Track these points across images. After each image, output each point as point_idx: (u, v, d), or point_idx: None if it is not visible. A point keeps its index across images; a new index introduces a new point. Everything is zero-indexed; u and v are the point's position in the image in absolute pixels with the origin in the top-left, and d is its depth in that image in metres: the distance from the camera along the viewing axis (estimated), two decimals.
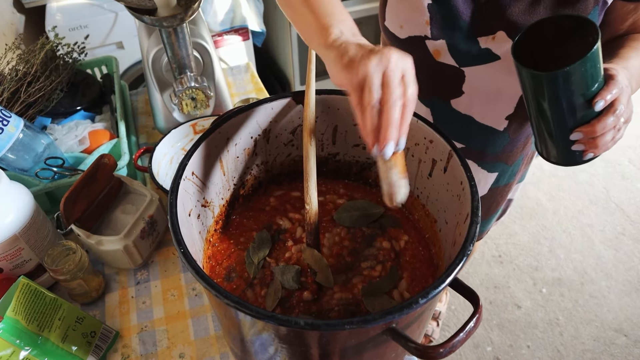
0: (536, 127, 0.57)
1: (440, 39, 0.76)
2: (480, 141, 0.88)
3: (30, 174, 0.88)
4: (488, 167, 0.92)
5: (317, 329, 0.42)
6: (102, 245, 0.78)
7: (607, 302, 1.76)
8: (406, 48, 0.81)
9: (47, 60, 1.04)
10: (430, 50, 0.78)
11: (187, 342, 0.76)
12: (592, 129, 0.55)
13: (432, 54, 0.78)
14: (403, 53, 0.46)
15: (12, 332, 0.61)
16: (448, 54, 0.77)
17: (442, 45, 0.76)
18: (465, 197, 0.54)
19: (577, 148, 0.57)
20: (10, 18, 1.56)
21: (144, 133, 1.18)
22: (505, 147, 0.88)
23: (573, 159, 0.58)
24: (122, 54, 1.68)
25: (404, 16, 0.79)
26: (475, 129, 0.85)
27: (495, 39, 0.72)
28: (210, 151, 0.62)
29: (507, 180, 0.96)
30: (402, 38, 0.80)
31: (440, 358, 0.44)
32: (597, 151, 0.57)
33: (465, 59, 0.76)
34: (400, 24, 0.80)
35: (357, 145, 0.72)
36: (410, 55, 0.47)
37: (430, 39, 0.77)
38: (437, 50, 0.78)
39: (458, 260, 0.46)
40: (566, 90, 0.52)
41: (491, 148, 0.88)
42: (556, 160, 0.60)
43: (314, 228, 0.63)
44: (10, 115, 0.85)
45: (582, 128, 0.54)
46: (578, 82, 0.51)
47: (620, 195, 2.14)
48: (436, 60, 0.79)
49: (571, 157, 0.57)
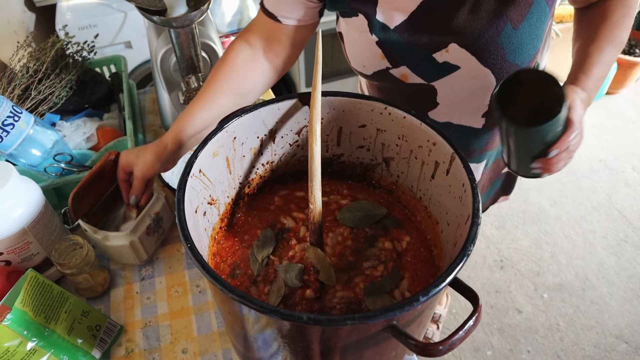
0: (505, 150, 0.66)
1: (401, 65, 0.80)
2: (463, 141, 0.91)
3: (39, 170, 0.90)
4: (477, 159, 0.96)
5: (320, 323, 0.43)
6: (108, 241, 0.80)
7: (608, 309, 1.76)
8: (376, 80, 0.87)
9: (57, 59, 1.06)
10: (398, 77, 0.83)
11: (190, 338, 0.77)
12: (548, 162, 0.62)
13: (400, 79, 0.83)
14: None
15: (20, 323, 0.63)
16: (414, 75, 0.81)
17: (405, 70, 0.81)
18: (467, 199, 0.55)
19: (535, 171, 0.65)
20: (21, 16, 1.58)
21: (150, 132, 1.19)
22: (487, 139, 0.92)
23: (532, 175, 0.67)
24: (130, 54, 1.70)
25: (361, 57, 0.84)
26: (455, 131, 0.89)
27: (449, 52, 0.75)
28: (218, 150, 0.63)
29: (496, 157, 1.00)
30: (369, 74, 0.86)
31: (439, 355, 0.45)
32: (551, 173, 0.65)
33: (430, 75, 0.80)
34: (362, 64, 0.85)
35: (362, 147, 0.73)
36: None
37: (392, 68, 0.81)
38: (404, 75, 0.82)
39: (459, 260, 0.47)
40: (531, 139, 0.60)
41: (475, 144, 0.92)
42: (518, 173, 0.69)
43: (317, 227, 0.64)
44: (21, 112, 0.86)
45: (540, 161, 0.62)
46: (542, 135, 0.59)
47: (623, 202, 2.14)
48: (406, 82, 0.83)
49: (530, 174, 0.66)
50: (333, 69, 2.23)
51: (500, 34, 0.72)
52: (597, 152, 2.38)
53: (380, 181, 0.76)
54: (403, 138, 0.67)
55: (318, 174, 0.61)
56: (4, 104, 0.84)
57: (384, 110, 0.66)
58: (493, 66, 0.75)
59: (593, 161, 2.33)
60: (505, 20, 0.70)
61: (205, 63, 1.06)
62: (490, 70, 0.76)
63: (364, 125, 0.69)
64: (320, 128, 0.62)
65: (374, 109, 0.66)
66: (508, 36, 0.72)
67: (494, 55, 0.74)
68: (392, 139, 0.68)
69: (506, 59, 0.74)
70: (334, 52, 2.15)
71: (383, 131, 0.68)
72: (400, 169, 0.71)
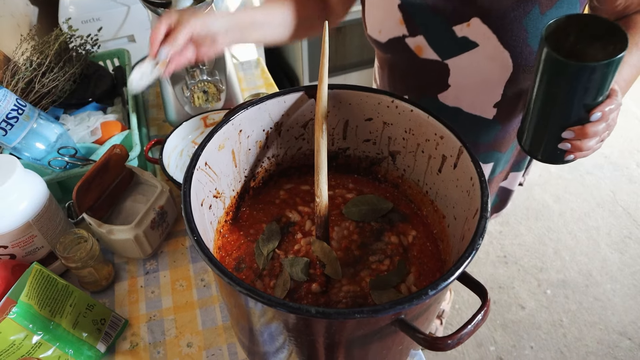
0: (531, 117, 0.58)
1: (418, 34, 0.78)
2: (472, 132, 0.89)
3: (44, 163, 0.89)
4: (483, 157, 0.93)
5: (328, 317, 0.42)
6: (112, 235, 0.79)
7: (611, 305, 1.75)
8: (389, 51, 0.85)
9: (60, 52, 1.06)
10: (412, 48, 0.80)
11: (194, 332, 0.77)
12: (584, 131, 0.57)
13: (414, 51, 0.80)
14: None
15: (26, 317, 0.62)
16: (429, 48, 0.79)
17: (421, 40, 0.78)
18: (475, 193, 0.54)
19: (563, 147, 0.59)
20: (24, 10, 1.58)
21: (154, 125, 1.19)
22: (497, 135, 0.89)
23: (554, 156, 0.59)
24: (133, 47, 1.69)
25: (379, 21, 0.82)
26: (465, 120, 0.87)
27: (470, 26, 0.73)
28: (223, 142, 0.63)
29: (501, 167, 0.98)
30: (383, 42, 0.83)
31: (447, 349, 0.45)
32: (578, 154, 0.60)
33: (446, 51, 0.78)
34: (378, 29, 0.83)
35: (368, 141, 0.72)
36: None
37: (409, 36, 0.79)
38: (419, 47, 0.79)
39: (467, 254, 0.46)
40: (583, 85, 0.52)
41: (483, 137, 0.89)
42: (536, 154, 0.62)
43: (323, 221, 0.63)
44: (25, 105, 0.86)
45: (576, 128, 0.56)
46: (595, 82, 0.52)
47: (627, 198, 2.13)
48: (420, 57, 0.81)
49: (553, 154, 0.59)
50: (337, 63, 2.22)
51: (526, 16, 0.70)
52: (602, 148, 2.36)
53: (387, 175, 0.75)
54: (410, 131, 0.66)
55: (324, 167, 0.61)
56: (8, 97, 0.84)
57: (390, 103, 0.65)
58: (513, 48, 0.73)
59: (597, 157, 2.32)
60: (535, 3, 0.69)
61: None
62: (510, 52, 0.73)
63: (370, 118, 0.69)
64: (326, 121, 0.62)
65: (381, 102, 0.66)
66: (534, 20, 0.70)
67: (515, 37, 0.71)
68: (399, 132, 0.68)
69: (527, 44, 0.72)
70: (337, 47, 2.14)
71: (390, 124, 0.68)
72: (407, 163, 0.71)
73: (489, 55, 0.75)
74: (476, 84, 0.81)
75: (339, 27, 2.00)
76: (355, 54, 2.23)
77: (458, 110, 0.86)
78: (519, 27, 0.71)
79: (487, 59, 0.76)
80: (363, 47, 2.20)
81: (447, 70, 0.80)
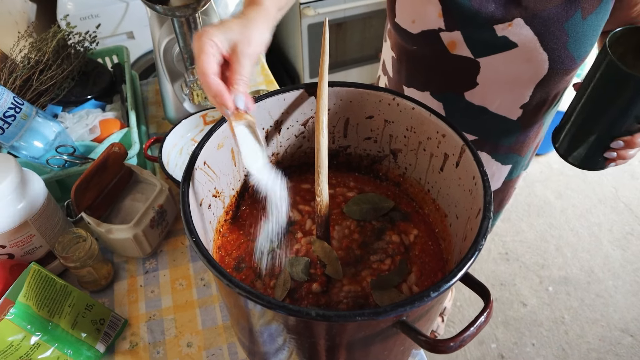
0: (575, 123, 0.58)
1: (455, 30, 0.75)
2: (494, 132, 0.87)
3: (42, 162, 0.89)
4: (502, 158, 0.91)
5: (328, 320, 0.42)
6: (111, 234, 0.79)
7: (613, 302, 1.75)
8: (419, 43, 0.81)
9: (58, 49, 1.04)
10: (445, 43, 0.77)
11: (194, 332, 0.76)
12: (633, 141, 0.57)
13: (447, 46, 0.78)
14: None
15: (24, 318, 0.62)
16: (464, 45, 0.76)
17: (457, 36, 0.76)
18: (478, 192, 0.54)
19: (609, 155, 0.59)
20: (22, 6, 1.57)
21: (154, 123, 1.18)
22: (518, 137, 0.87)
23: (594, 163, 0.59)
24: (132, 44, 1.68)
25: (415, 10, 0.78)
26: (489, 119, 0.85)
27: (512, 26, 0.71)
28: (223, 141, 0.62)
29: (519, 171, 0.96)
30: (415, 33, 0.80)
31: (450, 352, 0.44)
32: (620, 162, 0.60)
33: (481, 49, 0.76)
34: (412, 19, 0.79)
35: (369, 139, 0.71)
36: None
37: (444, 30, 0.76)
38: (453, 42, 0.77)
39: (470, 255, 0.46)
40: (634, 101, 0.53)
41: (505, 139, 0.88)
42: (573, 159, 0.61)
43: (324, 220, 0.63)
44: (23, 103, 0.85)
45: (626, 138, 0.57)
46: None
47: (630, 195, 2.13)
48: (451, 53, 0.78)
49: (594, 161, 0.59)
50: (337, 59, 2.21)
51: (569, 19, 0.69)
52: None
53: (388, 173, 0.74)
54: (411, 129, 0.65)
55: (325, 166, 0.60)
56: (5, 95, 0.83)
57: (392, 101, 0.64)
58: (552, 52, 0.71)
59: None
60: (577, 7, 0.68)
61: None
62: (548, 55, 0.72)
63: (371, 116, 0.68)
64: (327, 119, 0.61)
65: (382, 99, 0.65)
66: (575, 24, 0.69)
67: (556, 41, 0.70)
68: (400, 130, 0.67)
69: (567, 48, 0.71)
70: (338, 43, 2.13)
71: (391, 122, 0.67)
72: (408, 161, 0.70)
73: (526, 57, 0.74)
74: (505, 84, 0.79)
75: (340, 22, 1.98)
76: (356, 50, 2.21)
77: (484, 109, 0.84)
78: (561, 30, 0.70)
79: (523, 61, 0.74)
80: (363, 43, 2.19)
81: (477, 68, 0.78)
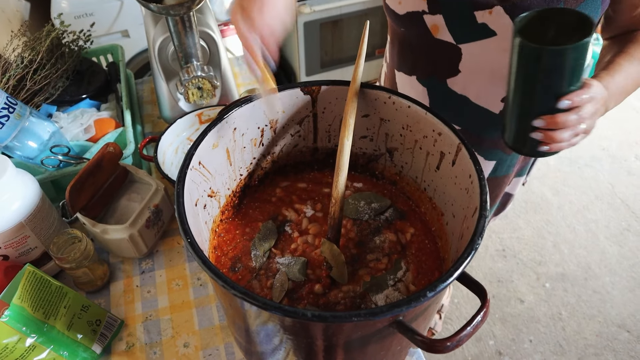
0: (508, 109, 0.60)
1: (438, 13, 0.76)
2: (477, 124, 0.88)
3: (36, 162, 0.88)
4: (486, 154, 0.92)
5: (325, 321, 0.41)
6: (107, 234, 0.78)
7: (610, 298, 1.75)
8: (405, 25, 0.83)
9: (52, 48, 1.04)
10: (429, 26, 0.79)
11: (191, 332, 0.76)
12: (554, 120, 0.57)
13: (430, 29, 0.79)
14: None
15: (18, 320, 0.61)
16: (446, 29, 0.77)
17: (439, 20, 0.77)
18: (474, 191, 0.53)
19: (535, 136, 0.60)
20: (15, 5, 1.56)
21: (149, 122, 1.17)
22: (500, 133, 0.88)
23: (528, 146, 0.61)
24: (127, 43, 1.68)
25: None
26: (471, 110, 0.85)
27: (492, 14, 0.72)
28: (217, 141, 0.62)
29: (505, 171, 0.96)
30: (401, 14, 0.81)
31: (447, 352, 0.44)
32: (552, 146, 0.60)
33: (462, 35, 0.77)
34: (399, 0, 0.81)
35: (365, 137, 0.71)
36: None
37: (427, 13, 0.77)
38: (435, 26, 0.78)
39: (466, 254, 0.46)
40: (547, 70, 0.54)
41: (487, 132, 0.88)
42: (512, 144, 0.63)
43: (336, 223, 0.62)
44: (16, 103, 0.85)
45: (546, 117, 0.57)
46: (560, 67, 0.53)
47: (626, 191, 2.13)
48: (434, 37, 0.79)
49: (527, 143, 0.60)
50: (333, 57, 2.20)
51: None
52: (600, 140, 2.36)
53: (384, 172, 0.74)
54: (407, 128, 0.65)
55: (345, 169, 0.60)
56: None
57: (387, 99, 0.64)
58: None
59: (596, 150, 2.31)
60: (560, 0, 0.68)
61: (204, 52, 1.04)
62: None
63: (367, 115, 0.68)
64: (353, 122, 0.60)
65: (378, 98, 0.65)
66: None
67: None
68: (396, 128, 0.67)
69: None
70: (334, 41, 2.12)
71: (387, 121, 0.67)
72: (405, 160, 0.70)
73: (505, 47, 0.73)
74: (486, 73, 0.80)
75: (335, 20, 1.98)
76: (353, 47, 2.21)
77: (465, 99, 0.85)
78: None
79: (502, 50, 0.74)
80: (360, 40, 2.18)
81: (459, 54, 0.79)
